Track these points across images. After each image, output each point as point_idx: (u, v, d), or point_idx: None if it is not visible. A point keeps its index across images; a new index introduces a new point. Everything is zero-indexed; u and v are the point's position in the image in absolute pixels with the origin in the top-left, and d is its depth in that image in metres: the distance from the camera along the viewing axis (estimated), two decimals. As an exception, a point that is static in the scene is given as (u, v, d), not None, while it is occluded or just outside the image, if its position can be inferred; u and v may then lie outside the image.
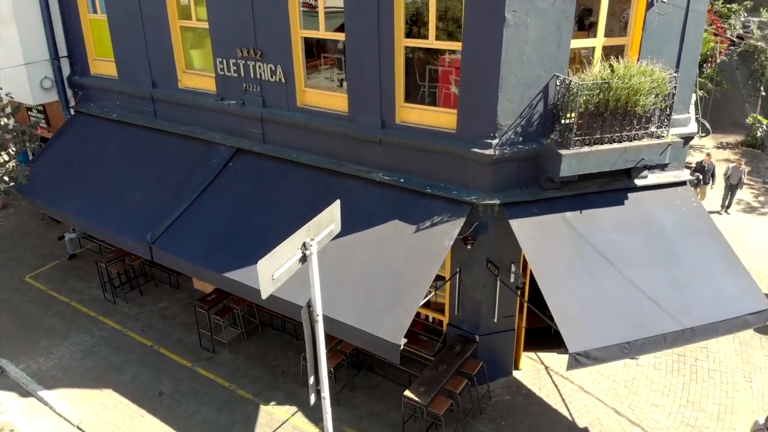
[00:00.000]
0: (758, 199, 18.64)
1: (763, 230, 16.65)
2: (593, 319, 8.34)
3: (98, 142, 14.28)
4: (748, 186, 19.60)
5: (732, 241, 15.82)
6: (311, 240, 6.72)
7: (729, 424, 10.07)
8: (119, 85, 14.15)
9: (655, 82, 8.58)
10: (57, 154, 14.48)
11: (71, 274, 15.64)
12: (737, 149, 22.62)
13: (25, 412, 11.19)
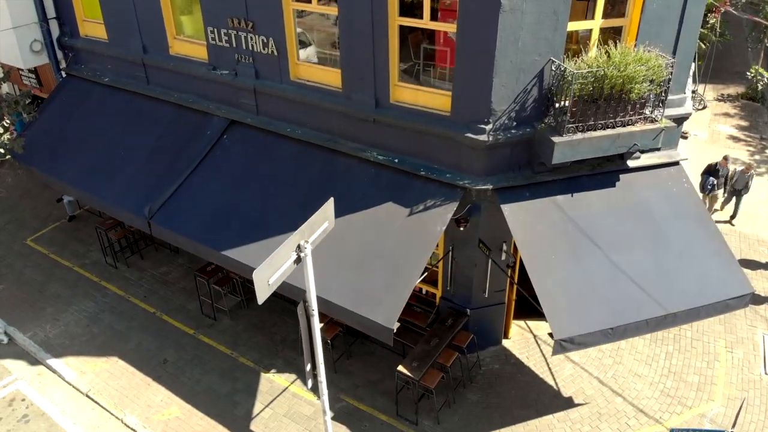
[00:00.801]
0: (754, 157, 18.66)
1: (756, 191, 16.75)
2: (579, 305, 8.64)
3: (91, 108, 14.16)
4: (744, 142, 19.60)
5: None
6: (305, 242, 6.87)
7: (708, 395, 10.60)
8: (109, 49, 13.89)
9: (651, 69, 8.49)
10: (51, 120, 14.38)
11: (72, 237, 15.86)
12: (737, 102, 22.40)
13: (34, 380, 11.69)
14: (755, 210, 15.91)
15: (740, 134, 20.09)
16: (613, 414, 10.31)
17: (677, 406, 10.41)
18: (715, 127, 20.57)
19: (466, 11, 8.45)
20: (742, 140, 19.70)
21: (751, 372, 11.03)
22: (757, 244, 14.59)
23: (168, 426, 10.60)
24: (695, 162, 18.20)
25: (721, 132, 20.26)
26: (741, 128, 20.51)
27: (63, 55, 15.18)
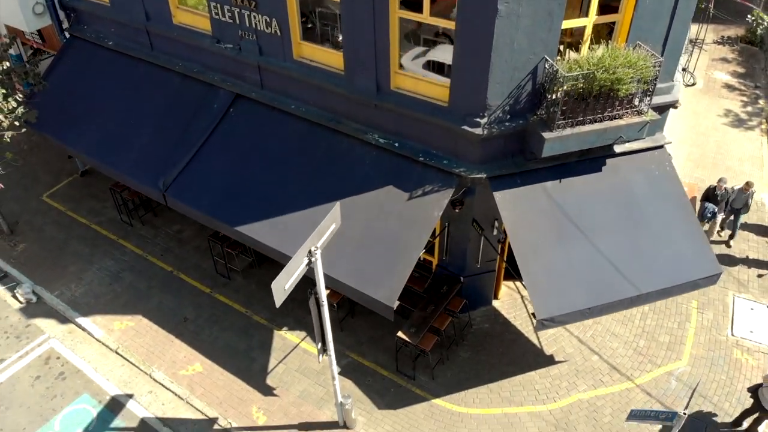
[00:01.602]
0: (746, 109, 19.03)
1: (743, 147, 17.34)
2: (560, 287, 9.59)
3: (97, 73, 14.46)
4: (738, 92, 19.89)
5: (711, 157, 16.58)
6: (315, 248, 7.69)
7: (676, 354, 11.80)
8: (111, 14, 14.01)
9: (640, 71, 8.94)
10: (60, 83, 14.71)
11: (86, 193, 16.60)
12: (735, 46, 22.37)
13: (66, 338, 12.86)
14: (741, 168, 16.57)
15: (735, 82, 20.30)
16: (589, 371, 11.56)
17: (648, 365, 11.64)
18: (712, 74, 20.74)
19: (464, 15, 8.78)
20: (736, 89, 19.96)
21: (719, 333, 12.19)
22: (738, 203, 15.37)
23: (192, 381, 11.87)
24: (688, 110, 18.65)
25: (717, 80, 20.46)
26: (737, 75, 20.68)
27: (65, 16, 15.26)
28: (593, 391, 11.28)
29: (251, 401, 11.49)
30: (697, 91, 19.81)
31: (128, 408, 11.43)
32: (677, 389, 11.20)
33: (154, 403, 11.52)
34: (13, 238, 15.27)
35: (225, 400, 11.52)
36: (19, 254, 14.84)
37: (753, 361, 11.65)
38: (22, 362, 12.32)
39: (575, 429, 10.72)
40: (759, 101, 19.43)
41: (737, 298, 12.89)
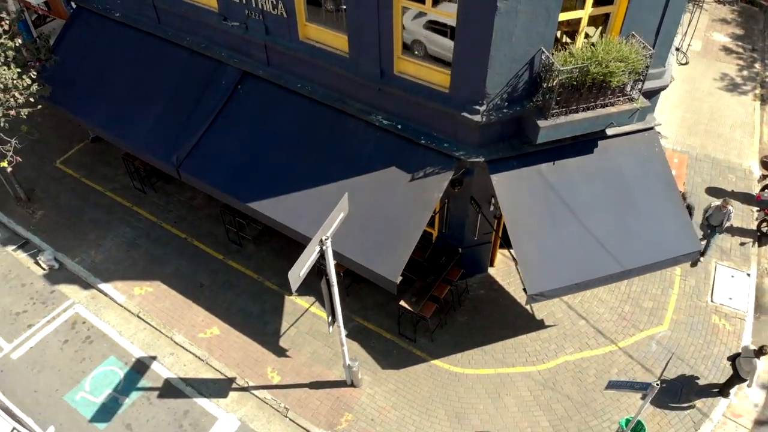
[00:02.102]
0: (742, 73, 19.33)
1: (736, 113, 17.75)
2: (550, 264, 10.38)
3: (106, 46, 14.75)
4: (735, 55, 20.11)
5: (705, 124, 16.93)
6: (326, 237, 8.42)
7: (658, 319, 12.75)
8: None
9: (632, 64, 9.41)
10: (69, 56, 15.01)
11: (98, 159, 17.16)
12: (735, 6, 22.35)
13: (90, 304, 13.76)
14: (732, 135, 17.09)
15: (733, 45, 20.48)
16: (576, 335, 12.54)
17: (631, 329, 12.60)
18: (710, 36, 20.88)
19: (465, 10, 9.16)
20: (733, 52, 20.16)
21: (699, 299, 13.10)
22: (727, 171, 16.01)
23: (211, 343, 12.87)
24: (685, 74, 18.97)
25: (715, 42, 20.62)
26: (735, 37, 20.82)
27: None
28: (579, 353, 12.29)
29: (266, 362, 12.51)
30: (695, 53, 20.04)
31: (152, 369, 12.46)
32: (657, 352, 12.20)
33: (176, 365, 12.54)
34: (31, 206, 15.96)
35: (242, 361, 12.54)
36: (38, 221, 15.57)
37: (729, 326, 12.61)
38: (50, 327, 13.27)
39: (561, 388, 11.78)
40: (755, 65, 19.70)
41: (719, 265, 13.74)
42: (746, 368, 10.81)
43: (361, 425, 11.50)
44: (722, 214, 12.86)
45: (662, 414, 11.33)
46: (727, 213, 12.82)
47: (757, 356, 10.62)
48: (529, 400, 11.67)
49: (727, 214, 12.84)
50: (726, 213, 12.81)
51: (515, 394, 11.77)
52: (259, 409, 11.85)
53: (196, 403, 11.89)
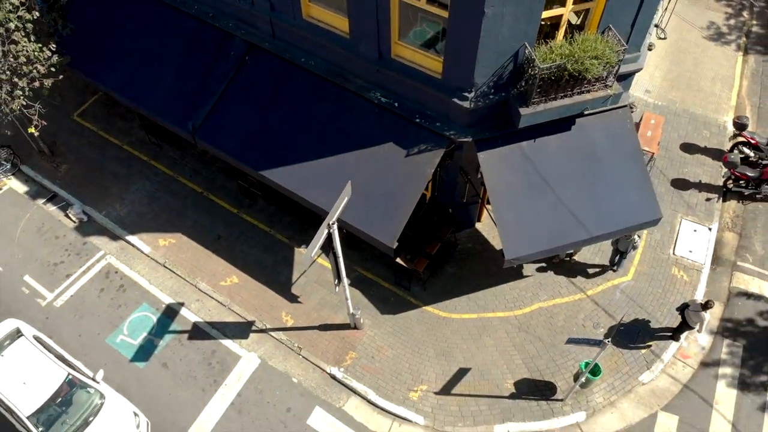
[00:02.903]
0: (729, 22, 19.86)
1: (719, 65, 18.54)
2: (526, 232, 11.87)
3: (116, 11, 15.39)
4: (725, 2, 20.49)
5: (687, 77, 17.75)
6: (333, 222, 9.89)
7: (624, 270, 14.42)
8: (123, -49, 14.66)
9: (606, 59, 10.43)
10: (81, 21, 15.67)
11: (113, 112, 18.20)
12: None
13: (120, 254, 15.39)
14: (712, 88, 18.02)
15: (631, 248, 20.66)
16: (550, 284, 14.29)
17: (599, 279, 14.33)
18: None
19: (456, 11, 10.06)
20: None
21: (662, 252, 14.74)
22: (703, 127, 17.14)
23: (231, 290, 14.64)
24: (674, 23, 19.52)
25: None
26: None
27: (75, -55, 15.76)
28: (552, 300, 14.10)
29: (280, 307, 14.34)
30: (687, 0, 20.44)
31: (181, 314, 14.31)
32: (620, 300, 14.00)
33: (202, 310, 14.38)
34: (55, 159, 17.22)
35: (259, 307, 14.37)
36: (63, 175, 16.90)
37: (686, 277, 14.34)
38: (86, 277, 14.98)
39: (534, 331, 13.69)
40: (743, 12, 20.18)
41: (684, 220, 15.26)
42: (695, 319, 12.60)
43: (363, 362, 13.49)
44: (628, 242, 13.46)
45: (619, 354, 13.30)
46: (632, 241, 13.42)
47: (704, 309, 12.37)
48: (506, 341, 13.60)
49: (632, 242, 13.44)
50: (631, 241, 13.42)
51: (494, 335, 13.69)
52: (276, 348, 13.81)
53: (221, 344, 13.84)
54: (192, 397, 13.06)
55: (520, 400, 12.86)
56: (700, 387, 12.99)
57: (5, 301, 14.56)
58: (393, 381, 13.21)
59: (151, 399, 13.02)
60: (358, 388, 13.15)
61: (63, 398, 11.88)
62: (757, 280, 14.41)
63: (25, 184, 16.83)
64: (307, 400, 13.03)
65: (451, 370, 13.28)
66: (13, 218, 16.10)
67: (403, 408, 12.88)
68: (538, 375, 13.14)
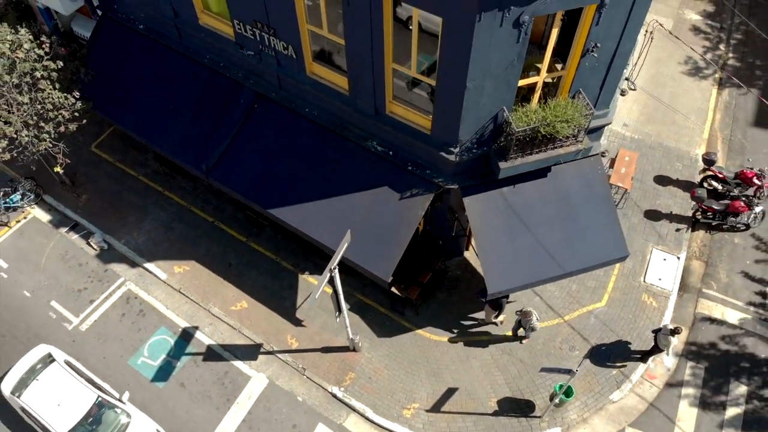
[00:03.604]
0: (706, 56, 21.18)
1: (694, 99, 19.83)
2: (506, 270, 13.27)
3: (132, 58, 16.73)
4: (703, 35, 21.80)
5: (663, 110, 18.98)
6: (334, 267, 11.30)
7: (598, 296, 15.85)
8: (141, 4, 15.97)
9: (576, 121, 11.81)
10: (100, 65, 17.03)
11: (128, 144, 19.55)
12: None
13: (138, 281, 16.80)
14: (685, 122, 19.37)
15: (703, 24, 22.09)
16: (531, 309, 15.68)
17: (575, 305, 15.75)
18: (683, 14, 22.44)
19: (442, 83, 11.43)
20: (702, 32, 21.84)
21: (634, 279, 16.14)
22: (676, 159, 18.50)
23: (241, 315, 16.06)
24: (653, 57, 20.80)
25: (687, 20, 22.23)
26: (706, 15, 22.38)
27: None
28: (533, 325, 15.50)
29: (286, 330, 15.77)
30: (665, 35, 21.70)
31: (196, 337, 15.74)
32: (594, 324, 15.43)
33: (215, 333, 15.81)
34: (76, 190, 18.59)
35: (267, 330, 15.80)
36: (84, 204, 18.28)
37: (655, 303, 15.75)
38: (108, 302, 16.39)
39: (516, 353, 15.11)
40: (720, 46, 21.50)
41: (655, 249, 16.66)
42: (664, 342, 14.02)
43: (362, 382, 14.93)
44: (527, 321, 14.41)
45: (592, 374, 14.73)
46: (529, 321, 14.33)
47: (672, 335, 13.78)
48: (490, 362, 15.04)
49: (529, 323, 14.35)
50: (529, 321, 14.33)
51: (480, 357, 15.12)
52: (282, 369, 15.25)
53: (233, 365, 15.28)
54: (207, 414, 14.51)
55: (503, 417, 14.31)
56: (665, 405, 14.43)
57: (34, 325, 15.99)
58: (388, 400, 14.66)
59: (171, 417, 14.47)
60: (357, 406, 14.60)
61: (93, 418, 13.32)
62: (720, 306, 15.83)
63: (48, 213, 18.22)
64: (310, 417, 14.48)
65: (441, 390, 14.73)
66: (39, 246, 17.50)
67: (397, 424, 14.33)
68: (518, 394, 14.58)
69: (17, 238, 17.65)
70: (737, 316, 15.66)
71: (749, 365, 14.94)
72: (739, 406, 14.40)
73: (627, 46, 11.60)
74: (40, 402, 13.40)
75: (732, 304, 15.85)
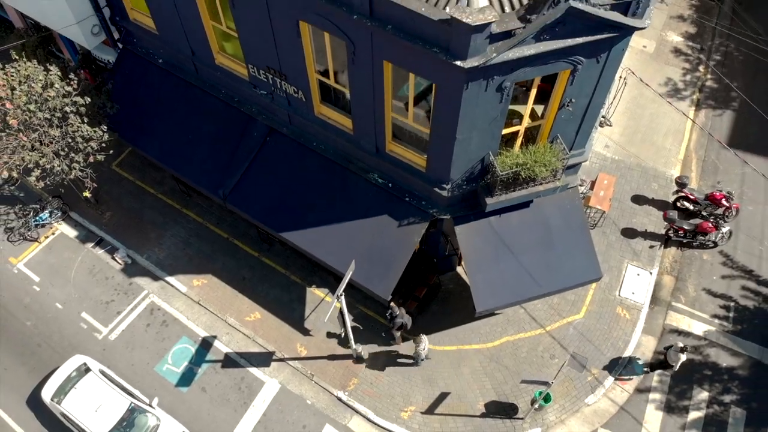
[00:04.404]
0: (685, 78, 22.62)
1: (672, 121, 21.37)
2: (493, 290, 14.95)
3: (152, 88, 18.22)
4: (684, 57, 23.20)
5: (642, 132, 20.44)
6: (341, 294, 12.98)
7: (577, 309, 17.56)
8: (159, 40, 17.42)
9: (553, 165, 13.39)
10: (121, 94, 18.51)
11: (146, 162, 21.09)
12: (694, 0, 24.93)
13: (161, 293, 18.49)
14: (663, 143, 20.90)
15: (684, 45, 23.50)
16: (516, 321, 17.42)
17: (556, 317, 17.46)
18: (665, 36, 23.82)
19: (435, 134, 12.99)
20: (682, 54, 23.26)
21: (610, 293, 17.83)
22: (652, 180, 20.08)
23: (255, 325, 17.77)
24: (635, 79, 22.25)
25: (669, 42, 23.62)
26: (688, 36, 23.76)
27: (116, 29, 18.52)
28: (517, 335, 17.25)
29: (296, 339, 17.49)
30: (647, 56, 23.17)
31: (215, 346, 17.47)
32: (572, 335, 17.15)
33: (231, 342, 17.54)
34: (100, 207, 20.18)
35: (278, 339, 17.52)
36: (108, 222, 19.90)
37: (628, 316, 17.46)
38: (134, 313, 18.09)
39: (502, 361, 16.86)
40: (699, 67, 22.92)
41: (630, 265, 18.33)
42: (674, 358, 15.77)
43: (364, 387, 16.70)
44: (416, 347, 16.23)
45: (569, 380, 16.49)
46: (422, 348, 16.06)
47: (681, 352, 15.55)
48: (479, 369, 16.79)
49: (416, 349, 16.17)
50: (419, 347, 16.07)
51: (470, 365, 16.87)
52: (292, 374, 17.00)
53: (248, 371, 17.03)
54: (226, 416, 16.30)
55: (489, 418, 16.09)
56: (634, 409, 16.22)
57: (68, 334, 17.71)
58: (387, 403, 16.44)
59: (194, 418, 16.26)
60: (360, 408, 16.39)
61: (127, 422, 15.09)
62: (687, 318, 17.55)
63: (74, 228, 19.85)
64: (318, 418, 16.27)
65: (434, 394, 16.50)
66: (67, 261, 19.15)
67: (395, 425, 16.13)
68: (504, 398, 16.36)
69: (47, 254, 19.30)
70: (703, 327, 17.39)
71: (711, 373, 16.70)
72: (700, 410, 16.19)
73: (599, 100, 13.13)
74: (79, 408, 15.16)
75: (698, 317, 17.57)
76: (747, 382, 16.52)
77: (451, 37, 10.54)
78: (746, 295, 17.85)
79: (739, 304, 17.73)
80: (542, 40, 10.98)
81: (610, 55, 11.89)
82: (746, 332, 17.24)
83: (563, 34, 11.02)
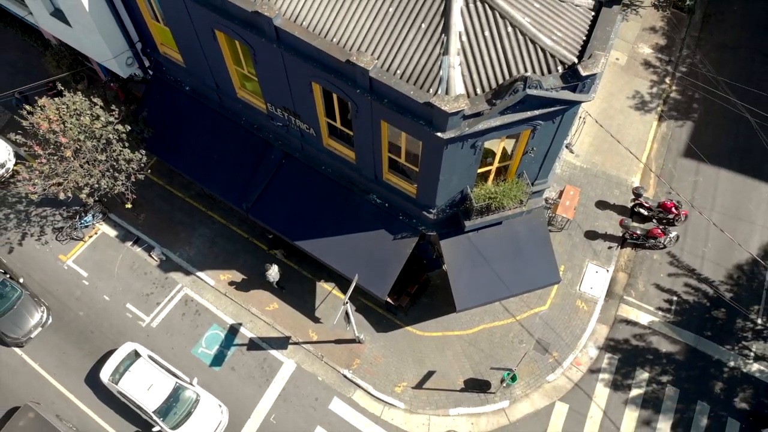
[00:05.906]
0: (652, 90, 25.20)
1: (637, 131, 24.12)
2: (470, 292, 18.25)
3: (181, 114, 21.01)
4: (653, 69, 25.72)
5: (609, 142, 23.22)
6: (347, 301, 16.29)
7: (543, 301, 20.91)
8: (186, 73, 20.14)
9: (519, 197, 16.46)
10: (155, 118, 21.33)
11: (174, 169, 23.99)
12: (667, 11, 27.12)
13: (193, 287, 21.80)
14: (627, 153, 23.74)
15: (653, 57, 25.91)
16: (492, 311, 20.79)
17: (525, 308, 20.83)
18: (637, 48, 26.20)
19: (422, 174, 16.01)
20: (651, 66, 25.73)
21: (571, 288, 21.15)
22: (615, 187, 23.07)
23: (274, 314, 21.18)
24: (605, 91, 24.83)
25: (640, 54, 26.02)
26: (658, 49, 26.11)
27: (147, 59, 21.18)
28: (492, 323, 20.67)
29: (308, 326, 20.93)
30: (619, 68, 25.64)
31: (241, 332, 20.92)
32: (538, 324, 20.57)
33: (254, 328, 20.98)
34: (135, 209, 23.22)
35: (293, 326, 20.95)
36: (143, 222, 23.00)
37: (586, 308, 20.83)
38: (171, 304, 21.45)
39: (479, 345, 20.35)
40: (666, 79, 25.45)
41: (590, 264, 21.57)
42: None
43: (365, 366, 20.24)
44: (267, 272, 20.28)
45: (534, 362, 20.02)
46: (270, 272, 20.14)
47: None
48: (460, 352, 20.30)
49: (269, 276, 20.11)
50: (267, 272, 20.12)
51: (452, 348, 20.37)
52: (306, 356, 20.52)
53: (269, 353, 20.54)
54: (252, 391, 19.90)
55: (467, 392, 19.70)
56: (586, 385, 19.80)
57: (116, 323, 21.13)
58: (384, 379, 20.01)
59: (226, 393, 19.87)
60: (362, 384, 19.97)
61: (174, 397, 18.66)
62: (635, 310, 20.93)
63: (114, 229, 22.99)
64: (328, 392, 19.88)
65: (423, 372, 20.06)
66: (110, 257, 22.38)
67: (390, 398, 19.75)
68: (479, 375, 19.92)
69: (92, 251, 22.52)
70: (648, 318, 20.79)
71: (652, 357, 20.20)
72: (641, 388, 19.76)
73: (557, 147, 16.10)
74: (134, 387, 18.70)
75: (645, 309, 20.95)
76: (682, 365, 20.04)
77: (433, 116, 13.45)
78: (688, 291, 21.18)
79: (681, 298, 21.07)
80: (506, 113, 13.88)
81: (563, 118, 14.78)
82: (684, 323, 20.65)
83: (523, 109, 13.91)
